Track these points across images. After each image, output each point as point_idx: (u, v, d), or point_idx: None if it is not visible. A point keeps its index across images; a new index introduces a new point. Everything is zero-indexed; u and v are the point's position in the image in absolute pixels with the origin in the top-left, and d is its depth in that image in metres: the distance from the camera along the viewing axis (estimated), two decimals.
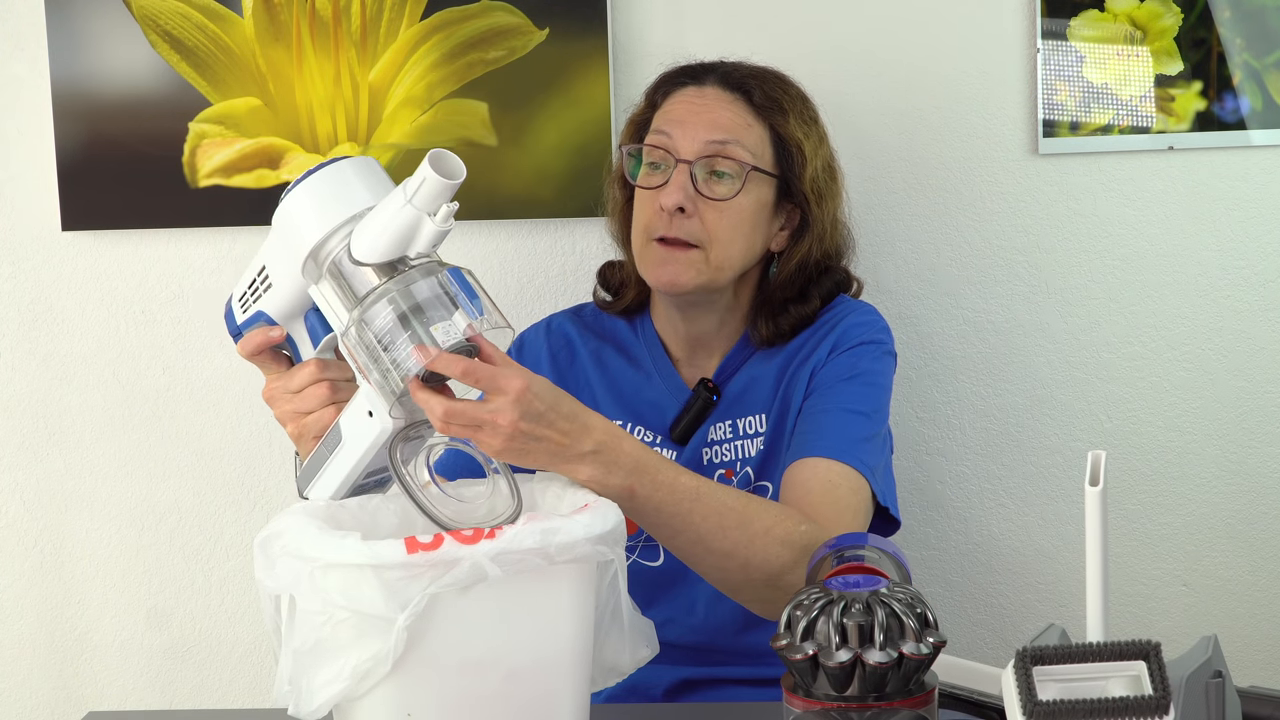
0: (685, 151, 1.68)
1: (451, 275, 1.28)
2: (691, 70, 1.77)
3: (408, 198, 1.26)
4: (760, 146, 1.71)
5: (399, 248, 1.27)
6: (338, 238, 1.30)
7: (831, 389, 1.67)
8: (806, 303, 1.75)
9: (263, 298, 1.40)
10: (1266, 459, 2.12)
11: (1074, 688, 1.06)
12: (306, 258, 1.31)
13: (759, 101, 1.72)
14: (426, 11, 2.07)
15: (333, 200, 1.31)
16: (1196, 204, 2.09)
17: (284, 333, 1.41)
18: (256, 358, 1.43)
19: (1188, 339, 2.11)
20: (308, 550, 1.19)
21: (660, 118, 1.74)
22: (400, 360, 1.25)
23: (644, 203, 1.71)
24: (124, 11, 2.09)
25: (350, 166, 1.34)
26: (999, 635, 2.15)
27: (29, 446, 2.20)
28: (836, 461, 1.59)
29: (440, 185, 1.25)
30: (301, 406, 1.41)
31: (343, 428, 1.34)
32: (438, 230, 1.27)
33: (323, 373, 1.40)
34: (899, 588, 1.19)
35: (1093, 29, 2.04)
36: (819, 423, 1.64)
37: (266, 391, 1.44)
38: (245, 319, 1.42)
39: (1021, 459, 2.13)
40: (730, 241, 1.69)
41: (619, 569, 1.28)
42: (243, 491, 2.19)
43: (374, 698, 1.19)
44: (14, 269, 2.17)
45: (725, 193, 1.68)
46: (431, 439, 1.34)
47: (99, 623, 2.22)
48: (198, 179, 2.11)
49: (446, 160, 1.26)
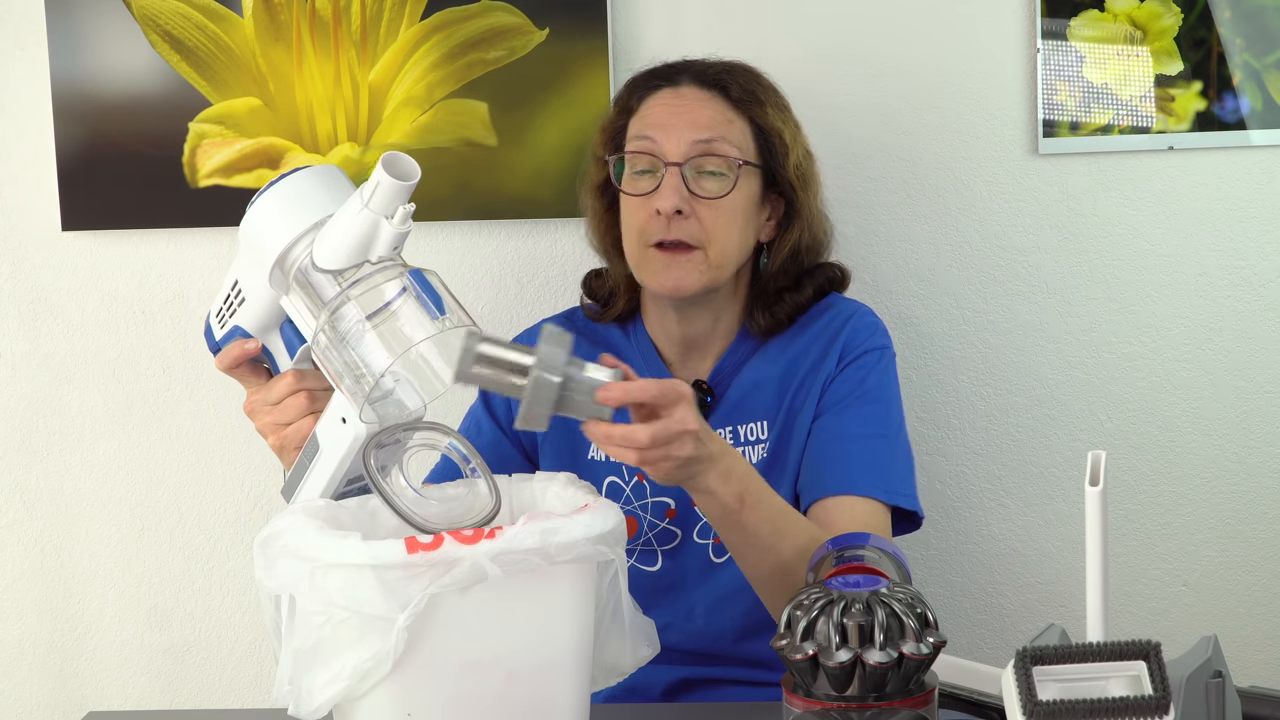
0: (673, 154, 1.68)
1: (413, 276, 1.29)
2: (662, 72, 1.76)
3: (364, 202, 1.27)
4: (744, 140, 1.71)
5: (360, 252, 1.28)
6: (301, 246, 1.32)
7: (846, 410, 1.68)
8: (800, 291, 1.75)
9: (238, 312, 1.41)
10: (1266, 459, 2.12)
11: (1074, 688, 1.06)
12: (273, 267, 1.33)
13: (736, 95, 1.72)
14: (426, 11, 2.07)
15: (295, 209, 1.33)
16: (1196, 204, 2.09)
17: (259, 345, 1.42)
18: (235, 371, 1.44)
19: (1188, 339, 2.11)
20: (308, 550, 1.19)
21: (639, 123, 1.72)
22: (369, 363, 1.26)
23: (635, 209, 1.70)
24: (124, 11, 2.09)
25: (312, 175, 1.35)
26: (999, 635, 2.15)
27: (29, 446, 2.20)
28: (864, 499, 1.61)
29: (395, 188, 1.25)
30: (281, 418, 1.42)
31: (319, 436, 1.35)
32: (396, 233, 1.28)
33: (300, 383, 1.41)
34: (899, 588, 1.19)
35: (1093, 29, 2.04)
36: (841, 452, 1.65)
37: (247, 405, 1.45)
38: (223, 335, 1.43)
39: (1021, 459, 2.13)
40: (727, 238, 1.69)
41: (619, 569, 1.28)
42: (243, 491, 2.19)
43: (374, 698, 1.19)
44: (14, 269, 2.17)
45: (718, 190, 1.68)
46: (409, 442, 1.35)
47: (99, 623, 2.22)
48: (198, 179, 2.11)
49: (400, 162, 1.26)
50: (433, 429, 1.37)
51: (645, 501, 1.72)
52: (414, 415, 1.37)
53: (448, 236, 2.13)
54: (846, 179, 2.09)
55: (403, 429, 1.34)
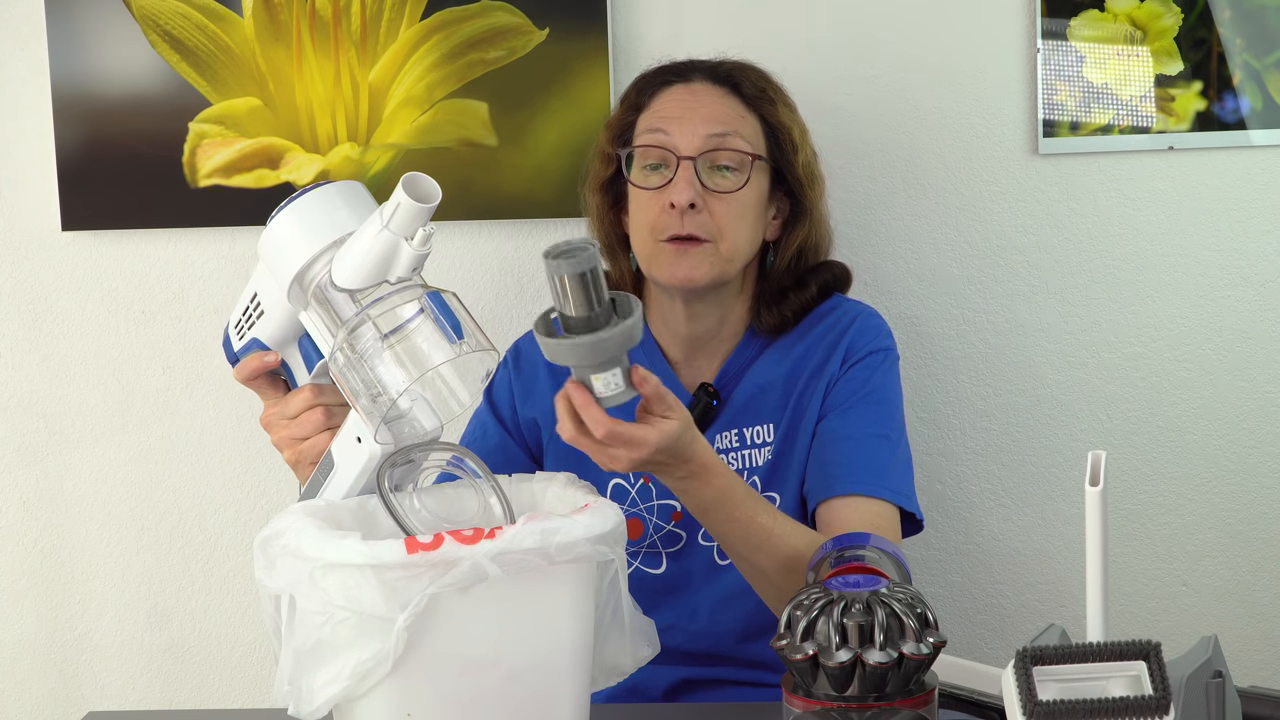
0: (686, 148, 1.68)
1: (431, 299, 1.27)
2: (673, 68, 1.77)
3: (384, 223, 1.25)
4: (755, 136, 1.72)
5: (378, 273, 1.27)
6: (320, 263, 1.30)
7: (850, 410, 1.68)
8: (805, 289, 1.75)
9: (256, 325, 1.40)
10: (1266, 459, 2.12)
11: (1074, 688, 1.06)
12: (291, 283, 1.31)
13: (748, 92, 1.73)
14: (426, 11, 2.07)
15: (315, 226, 1.31)
16: (1196, 204, 2.09)
17: (278, 358, 1.41)
18: (253, 383, 1.43)
19: (1188, 339, 2.11)
20: (308, 550, 1.19)
21: (650, 118, 1.73)
22: (386, 383, 1.25)
23: (646, 204, 1.70)
24: (124, 11, 2.09)
25: (334, 191, 1.34)
26: (999, 635, 2.15)
27: (29, 446, 2.20)
28: (871, 499, 1.61)
29: (414, 210, 1.24)
30: (297, 432, 1.41)
31: (334, 454, 1.34)
32: (416, 254, 1.26)
33: (318, 398, 1.40)
34: (899, 588, 1.19)
35: (1093, 29, 2.04)
36: (845, 453, 1.65)
37: (264, 418, 1.44)
38: (241, 346, 1.42)
39: (1021, 459, 2.13)
40: (738, 233, 1.69)
41: (619, 569, 1.28)
42: (243, 491, 2.19)
43: (374, 698, 1.19)
44: (14, 269, 2.17)
45: (731, 185, 1.68)
46: (425, 463, 1.34)
47: (99, 623, 2.22)
48: (198, 179, 2.11)
49: (420, 183, 1.25)
50: (448, 449, 1.35)
51: (651, 504, 1.72)
52: (430, 436, 1.35)
53: (448, 236, 2.13)
54: (847, 179, 2.09)
55: (418, 449, 1.33)
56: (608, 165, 1.77)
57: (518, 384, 1.78)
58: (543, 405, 1.76)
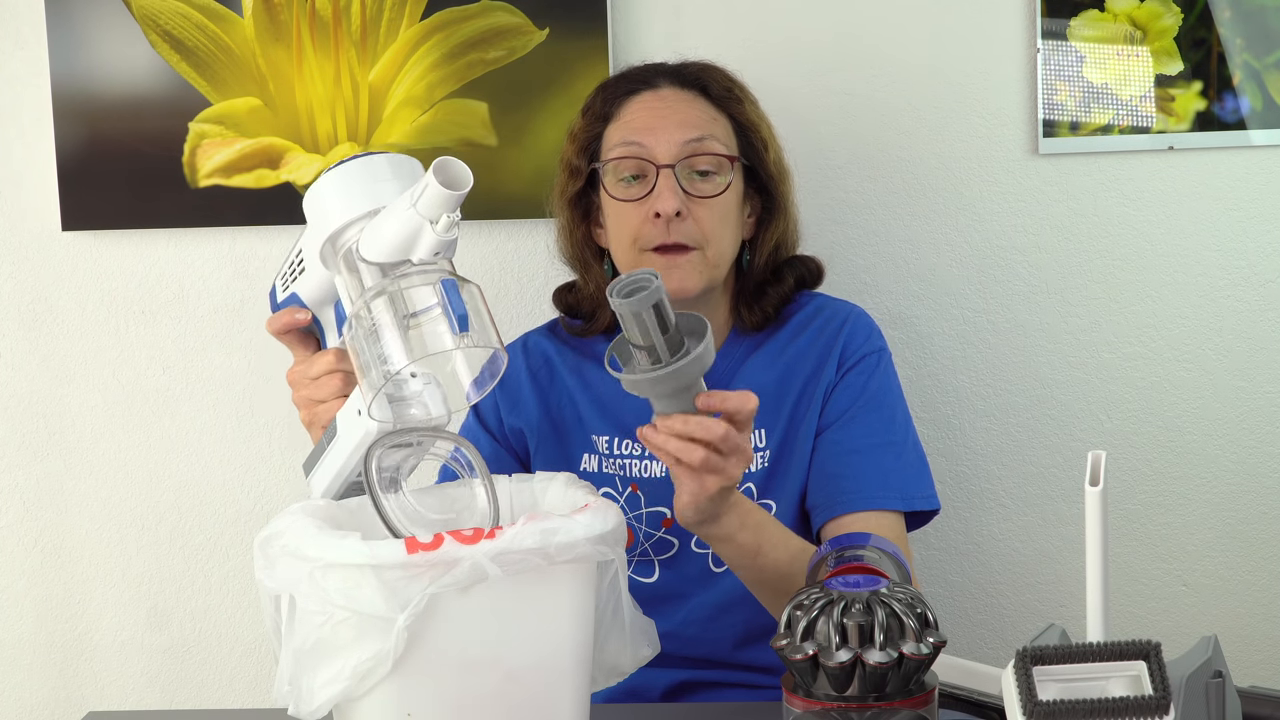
0: (664, 156, 1.66)
1: (445, 286, 1.27)
2: (638, 75, 1.74)
3: (412, 201, 1.24)
4: (728, 137, 1.71)
5: (401, 251, 1.26)
6: (353, 230, 1.30)
7: (852, 421, 1.67)
8: (782, 283, 1.75)
9: (298, 280, 1.39)
10: (1266, 459, 2.12)
11: (1074, 688, 1.06)
12: (324, 243, 1.31)
13: (716, 93, 1.72)
14: (426, 11, 2.07)
15: (356, 192, 1.30)
16: (1196, 204, 2.09)
17: (310, 316, 1.41)
18: (284, 337, 1.43)
19: (1188, 339, 2.11)
20: (308, 550, 1.19)
21: (621, 129, 1.70)
22: (386, 360, 1.25)
23: (628, 215, 1.68)
24: (124, 11, 2.09)
25: (384, 161, 1.32)
26: (999, 635, 2.15)
27: (29, 446, 2.20)
28: (880, 512, 1.61)
29: (440, 194, 1.22)
30: (315, 394, 1.41)
31: (339, 422, 1.35)
32: (438, 239, 1.25)
33: (340, 363, 1.40)
34: (899, 588, 1.19)
35: (1093, 29, 2.04)
36: (850, 467, 1.65)
37: (290, 373, 1.44)
38: (283, 299, 1.42)
39: (1021, 459, 2.13)
40: (722, 236, 1.68)
41: (619, 569, 1.28)
42: (243, 491, 2.19)
43: (374, 698, 1.19)
44: (14, 269, 2.17)
45: (713, 189, 1.67)
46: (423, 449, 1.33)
47: (99, 623, 2.22)
48: (198, 179, 2.11)
49: (450, 168, 1.23)
50: (447, 438, 1.35)
51: (640, 512, 1.71)
52: (433, 423, 1.34)
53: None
54: (846, 179, 2.09)
55: (418, 435, 1.32)
56: (577, 178, 1.74)
57: (502, 396, 1.76)
58: (528, 414, 1.75)
